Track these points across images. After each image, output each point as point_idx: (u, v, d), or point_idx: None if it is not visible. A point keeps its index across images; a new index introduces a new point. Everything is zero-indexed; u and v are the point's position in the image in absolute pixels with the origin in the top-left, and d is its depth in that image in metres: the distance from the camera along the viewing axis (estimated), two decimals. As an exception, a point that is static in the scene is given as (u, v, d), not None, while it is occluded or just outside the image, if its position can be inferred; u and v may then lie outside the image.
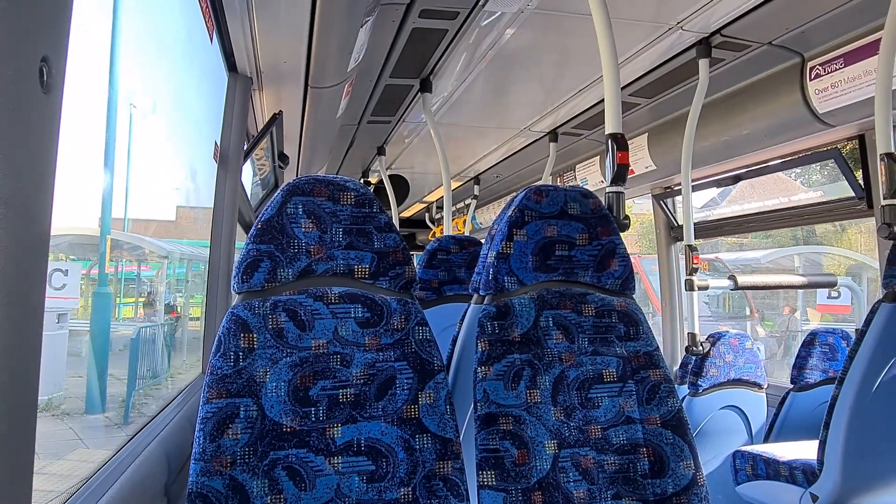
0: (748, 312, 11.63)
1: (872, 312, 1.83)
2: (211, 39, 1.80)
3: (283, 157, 3.00)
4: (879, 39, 1.95)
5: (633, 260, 1.59)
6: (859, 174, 2.64)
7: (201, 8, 1.64)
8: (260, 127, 2.73)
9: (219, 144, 2.04)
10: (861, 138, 2.57)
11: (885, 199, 1.86)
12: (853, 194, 2.69)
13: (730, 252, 12.66)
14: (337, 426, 1.27)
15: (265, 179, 3.19)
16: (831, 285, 3.21)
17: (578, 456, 1.38)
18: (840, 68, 2.31)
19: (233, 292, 1.35)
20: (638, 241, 15.15)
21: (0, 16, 0.46)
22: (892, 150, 1.85)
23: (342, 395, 1.29)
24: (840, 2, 2.09)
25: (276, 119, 2.51)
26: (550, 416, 1.39)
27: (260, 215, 1.35)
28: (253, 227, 1.34)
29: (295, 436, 1.24)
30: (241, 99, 2.12)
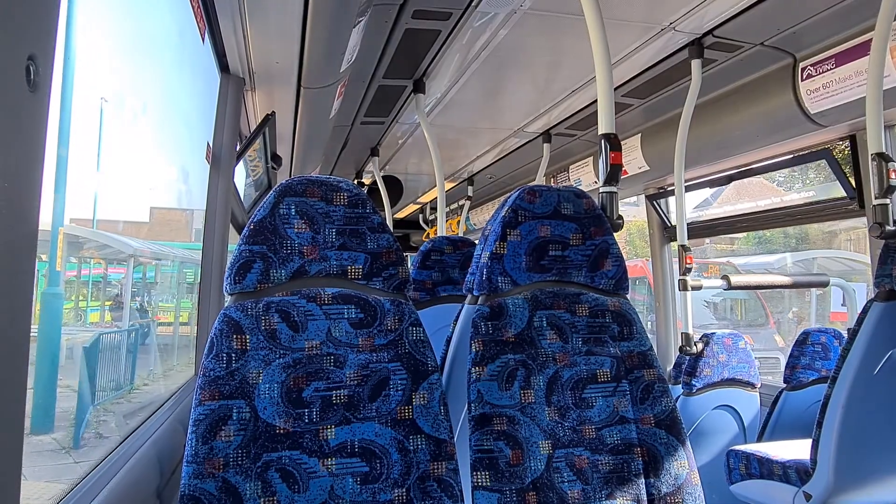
0: (762, 320, 10.55)
1: (864, 312, 1.83)
2: (203, 39, 1.80)
3: (276, 158, 2.99)
4: (870, 40, 1.96)
5: (641, 263, 1.59)
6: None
7: (192, 8, 1.63)
8: (252, 128, 2.72)
9: (211, 145, 2.03)
10: (853, 138, 2.59)
11: (876, 198, 1.87)
12: (844, 194, 2.70)
13: (739, 257, 12.10)
14: (330, 427, 1.27)
15: (258, 180, 3.18)
16: (823, 285, 3.23)
17: (573, 456, 1.38)
18: (831, 69, 2.32)
19: (225, 293, 1.34)
20: (623, 247, 15.08)
21: None
22: (884, 150, 1.86)
23: (336, 397, 1.28)
24: (831, 3, 2.10)
25: (268, 120, 2.50)
26: (544, 417, 1.39)
27: (252, 216, 1.34)
28: (245, 228, 1.34)
29: (288, 437, 1.24)
30: (234, 99, 2.11)
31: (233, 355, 1.24)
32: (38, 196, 0.55)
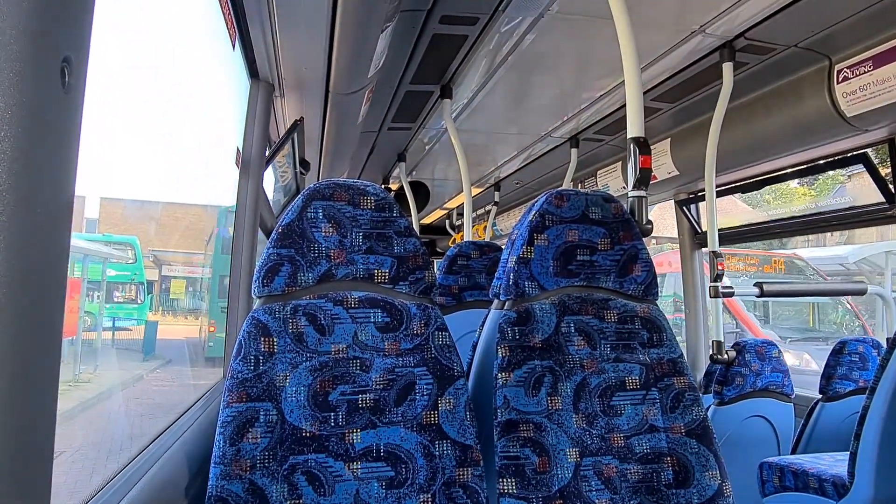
0: (856, 330, 8.77)
1: None
2: (233, 46, 1.82)
3: (305, 164, 3.02)
4: None
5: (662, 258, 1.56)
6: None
7: (223, 15, 1.66)
8: (281, 133, 2.75)
9: (241, 150, 2.05)
10: (891, 142, 2.51)
11: None
12: (882, 199, 2.62)
13: (807, 249, 10.29)
14: (356, 431, 1.27)
15: (287, 186, 3.21)
16: (861, 293, 3.14)
17: (601, 464, 1.36)
18: (869, 71, 2.26)
19: (253, 296, 1.35)
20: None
21: (22, 16, 0.47)
22: None
23: (362, 401, 1.28)
24: (868, 3, 2.05)
25: (297, 125, 2.53)
26: (572, 424, 1.37)
27: (280, 220, 1.35)
28: (273, 232, 1.35)
29: (314, 440, 1.24)
30: (263, 105, 2.14)
31: (260, 358, 1.25)
32: (71, 196, 0.56)
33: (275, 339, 1.27)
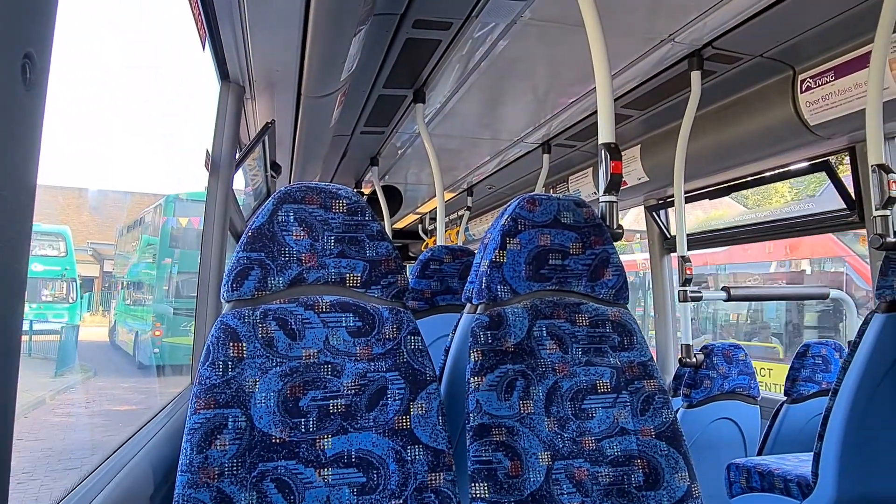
0: None
1: (866, 323, 1.82)
2: (203, 47, 1.80)
3: (276, 167, 2.99)
4: (869, 52, 1.97)
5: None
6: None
7: (193, 15, 1.63)
8: (252, 135, 2.72)
9: (210, 152, 2.02)
10: (852, 150, 2.59)
11: (876, 209, 1.87)
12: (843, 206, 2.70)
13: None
14: (327, 437, 1.25)
15: (257, 189, 3.18)
16: (824, 297, 3.22)
17: (572, 468, 1.37)
18: (831, 81, 2.32)
19: (223, 301, 1.33)
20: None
21: None
22: (884, 162, 1.86)
23: (333, 406, 1.27)
24: (830, 15, 2.11)
25: (268, 128, 2.50)
26: (544, 428, 1.38)
27: (250, 223, 1.33)
28: (243, 235, 1.33)
29: (284, 447, 1.22)
30: (234, 107, 2.11)
31: (229, 363, 1.23)
32: (32, 194, 0.54)
33: (244, 344, 1.25)
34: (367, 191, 5.15)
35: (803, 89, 2.43)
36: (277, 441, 1.22)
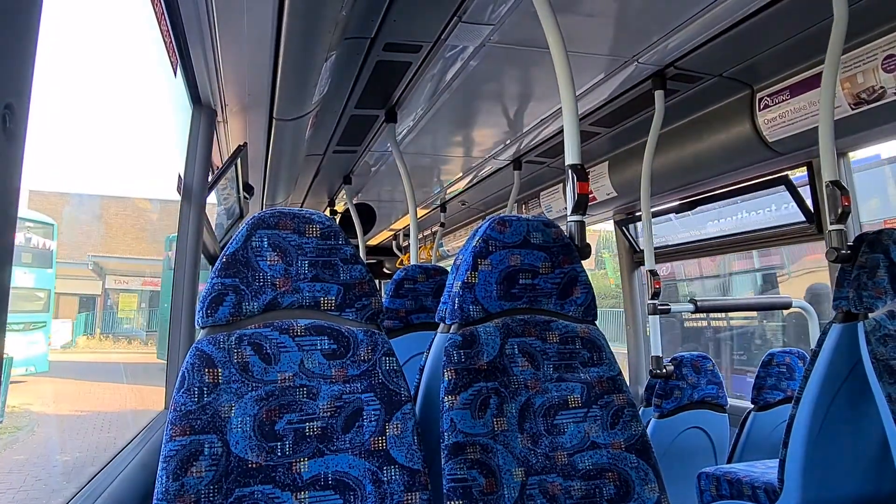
0: None
1: (824, 333, 1.89)
2: (175, 73, 1.81)
3: (249, 188, 2.99)
4: (821, 73, 2.06)
5: None
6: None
7: (165, 42, 1.65)
8: (224, 158, 2.72)
9: (182, 177, 2.03)
10: (809, 165, 2.69)
11: (831, 224, 1.94)
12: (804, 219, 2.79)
13: None
14: (304, 460, 1.26)
15: (230, 209, 3.17)
16: (786, 307, 3.31)
17: (546, 483, 1.39)
18: (787, 99, 2.42)
19: (197, 327, 1.33)
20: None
21: None
22: (837, 178, 1.94)
23: (309, 429, 1.28)
24: (785, 37, 2.20)
25: (241, 150, 2.51)
26: (517, 444, 1.40)
27: (225, 249, 1.35)
28: (218, 261, 1.34)
29: (261, 471, 1.23)
30: (206, 131, 2.12)
31: (205, 389, 1.23)
32: (11, 238, 0.56)
33: (219, 370, 1.26)
34: (340, 209, 5.15)
35: (761, 107, 2.52)
36: (254, 466, 1.23)
